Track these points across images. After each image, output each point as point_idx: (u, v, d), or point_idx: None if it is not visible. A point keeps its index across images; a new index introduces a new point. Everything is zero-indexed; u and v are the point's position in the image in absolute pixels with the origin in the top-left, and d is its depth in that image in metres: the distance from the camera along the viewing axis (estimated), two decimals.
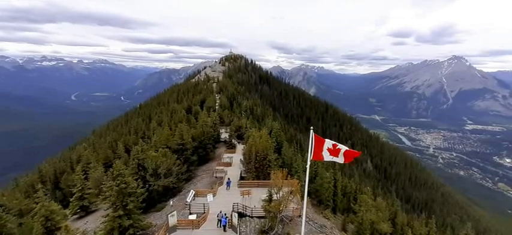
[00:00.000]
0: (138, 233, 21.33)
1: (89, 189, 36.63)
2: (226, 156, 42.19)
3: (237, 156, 42.93)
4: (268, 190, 19.16)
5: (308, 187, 25.30)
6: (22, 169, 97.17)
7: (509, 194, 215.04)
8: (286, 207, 18.13)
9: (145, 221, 22.80)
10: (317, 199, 38.22)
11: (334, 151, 9.34)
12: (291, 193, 17.75)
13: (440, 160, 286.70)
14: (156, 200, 31.00)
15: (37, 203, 30.39)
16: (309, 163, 10.34)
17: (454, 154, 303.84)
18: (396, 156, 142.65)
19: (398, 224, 40.81)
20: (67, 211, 35.34)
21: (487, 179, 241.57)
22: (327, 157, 9.50)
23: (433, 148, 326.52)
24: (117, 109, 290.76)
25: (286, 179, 18.10)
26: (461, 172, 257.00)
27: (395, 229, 38.38)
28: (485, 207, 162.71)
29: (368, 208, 33.64)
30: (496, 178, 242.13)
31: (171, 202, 25.70)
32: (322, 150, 9.52)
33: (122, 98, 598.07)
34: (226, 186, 27.63)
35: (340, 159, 9.35)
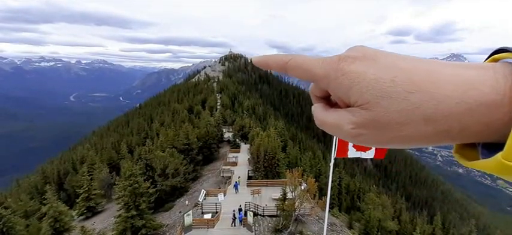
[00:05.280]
0: (149, 233, 21.40)
1: (95, 189, 36.59)
2: (231, 156, 42.21)
3: (242, 156, 42.93)
4: (282, 189, 19.28)
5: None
6: (21, 170, 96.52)
7: (508, 191, 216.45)
8: (301, 206, 18.24)
9: (156, 221, 22.86)
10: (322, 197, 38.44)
11: (360, 146, 8.39)
12: (307, 191, 17.88)
13: (439, 158, 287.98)
14: (163, 200, 31.07)
15: (43, 204, 30.39)
16: (332, 161, 10.13)
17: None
18: (396, 154, 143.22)
19: (403, 222, 41.09)
20: (73, 212, 35.33)
21: (486, 176, 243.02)
22: (352, 153, 8.72)
23: (432, 146, 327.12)
24: (116, 109, 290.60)
25: (300, 178, 18.28)
26: (460, 170, 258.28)
27: (401, 227, 38.61)
28: (484, 204, 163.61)
29: (375, 206, 33.89)
30: (495, 176, 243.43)
31: (187, 202, 25.79)
32: (347, 146, 8.68)
33: (121, 98, 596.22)
34: (234, 190, 27.13)
35: (368, 154, 8.60)
